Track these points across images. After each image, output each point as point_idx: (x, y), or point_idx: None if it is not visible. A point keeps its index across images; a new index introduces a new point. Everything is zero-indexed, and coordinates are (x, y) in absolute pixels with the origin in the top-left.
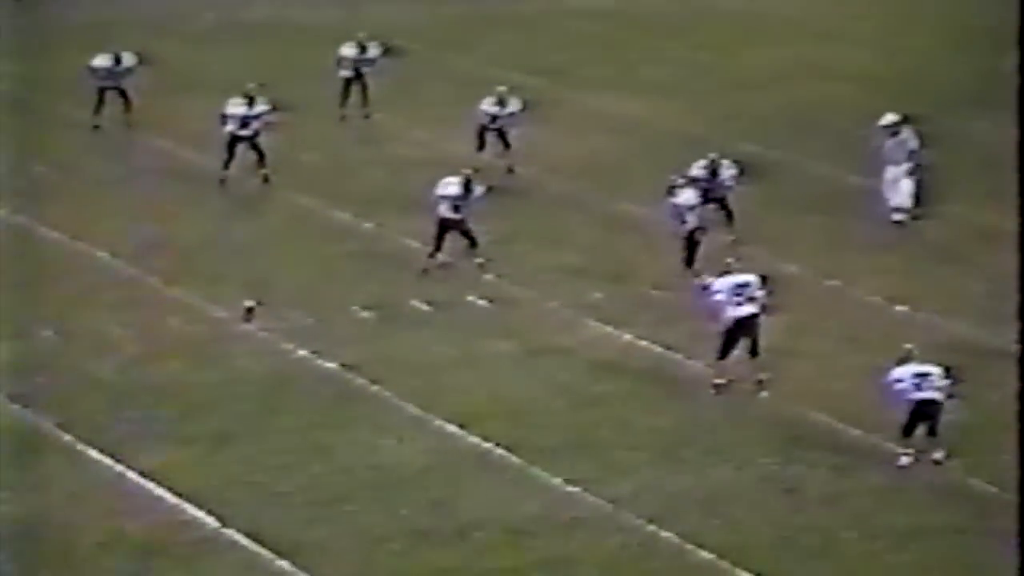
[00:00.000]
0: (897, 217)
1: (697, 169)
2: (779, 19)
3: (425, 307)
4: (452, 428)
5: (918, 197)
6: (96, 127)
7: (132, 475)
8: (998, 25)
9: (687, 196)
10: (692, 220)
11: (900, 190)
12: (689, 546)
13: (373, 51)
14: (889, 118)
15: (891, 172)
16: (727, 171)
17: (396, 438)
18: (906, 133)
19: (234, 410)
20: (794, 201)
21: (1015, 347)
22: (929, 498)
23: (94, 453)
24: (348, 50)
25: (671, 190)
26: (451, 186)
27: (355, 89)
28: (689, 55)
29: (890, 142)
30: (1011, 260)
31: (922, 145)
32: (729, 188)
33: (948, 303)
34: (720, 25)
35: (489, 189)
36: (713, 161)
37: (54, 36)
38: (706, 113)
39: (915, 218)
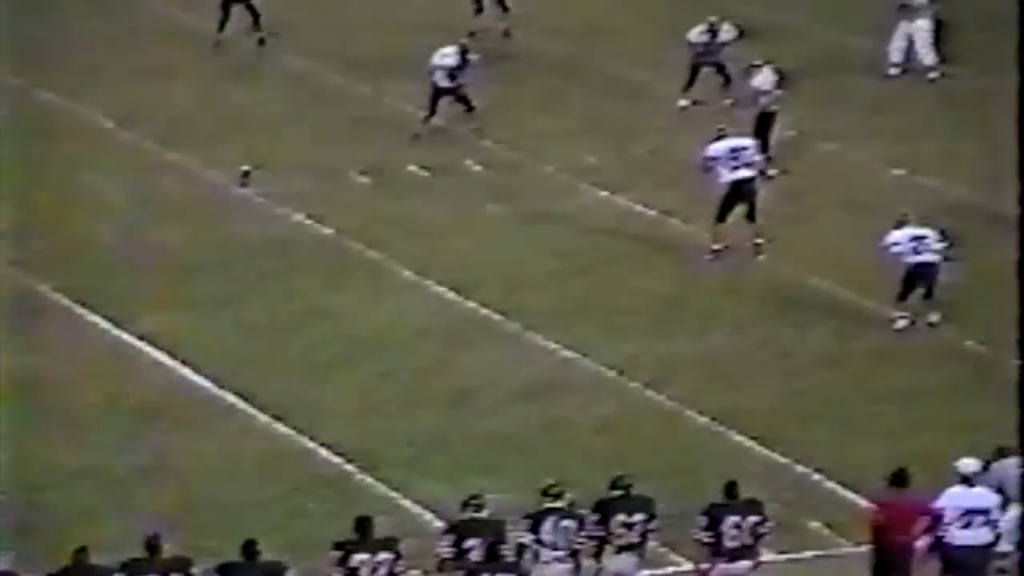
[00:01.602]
0: (894, 72)
1: (696, 33)
2: None
3: (422, 172)
4: (449, 293)
5: (940, 52)
6: None
7: (130, 338)
8: None
9: (764, 78)
10: (766, 102)
11: (920, 46)
12: (686, 410)
13: None
14: None
15: (903, 28)
16: (726, 34)
17: (393, 302)
18: None
19: (231, 274)
20: (793, 63)
21: (1012, 210)
22: (926, 360)
23: (92, 316)
24: None
25: (747, 71)
26: (447, 56)
27: None
28: None
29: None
30: (1010, 122)
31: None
32: (727, 50)
33: (946, 166)
34: None
35: (485, 57)
36: (712, 24)
37: None
38: None
39: (942, 75)
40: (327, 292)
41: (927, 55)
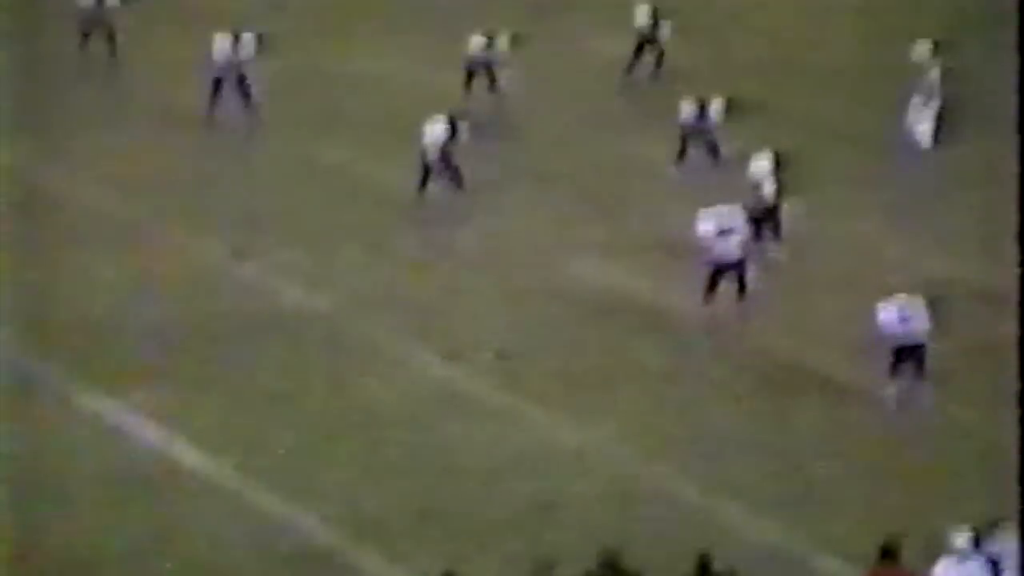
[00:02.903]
0: (922, 146)
1: (686, 108)
2: None
3: (414, 244)
4: (441, 365)
5: (937, 131)
6: (82, 65)
7: (121, 413)
8: None
9: (759, 167)
10: (768, 190)
11: (922, 125)
12: (677, 484)
13: None
14: (920, 51)
15: (916, 105)
16: (715, 109)
17: (384, 375)
18: (934, 66)
19: (223, 348)
20: (783, 137)
21: (1004, 285)
22: (918, 434)
23: (84, 392)
24: None
25: (743, 161)
26: (437, 130)
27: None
28: None
29: (919, 76)
30: (1004, 198)
31: (944, 80)
32: (716, 126)
33: (939, 240)
34: None
35: (476, 130)
36: (702, 100)
37: None
38: (695, 50)
39: (936, 149)
40: (318, 365)
41: (926, 133)
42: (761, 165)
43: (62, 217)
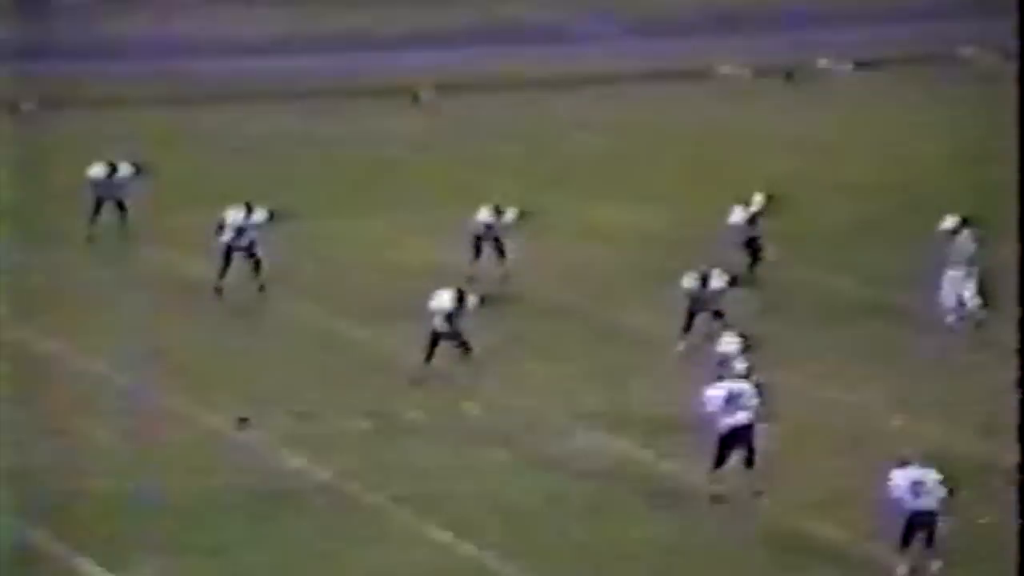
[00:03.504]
0: (953, 320)
1: (688, 280)
2: (781, 136)
3: (420, 415)
4: (447, 537)
5: (983, 298)
6: (91, 237)
7: None
8: (997, 141)
9: (727, 343)
10: (739, 369)
11: (961, 293)
12: None
13: None
14: (950, 221)
15: (950, 275)
16: (717, 281)
17: (392, 546)
18: (965, 235)
19: (228, 521)
20: (791, 309)
21: (1011, 460)
22: None
23: (88, 565)
24: None
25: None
26: (444, 299)
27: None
28: (687, 167)
29: (951, 245)
30: (1011, 373)
31: (980, 246)
32: (720, 296)
33: (947, 413)
34: (719, 139)
35: (482, 301)
36: (703, 272)
37: (52, 147)
38: (701, 224)
39: (979, 320)
40: (324, 538)
41: (974, 300)
42: (729, 344)
43: (69, 387)
